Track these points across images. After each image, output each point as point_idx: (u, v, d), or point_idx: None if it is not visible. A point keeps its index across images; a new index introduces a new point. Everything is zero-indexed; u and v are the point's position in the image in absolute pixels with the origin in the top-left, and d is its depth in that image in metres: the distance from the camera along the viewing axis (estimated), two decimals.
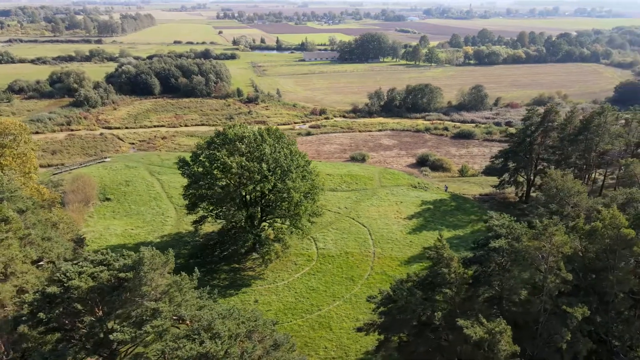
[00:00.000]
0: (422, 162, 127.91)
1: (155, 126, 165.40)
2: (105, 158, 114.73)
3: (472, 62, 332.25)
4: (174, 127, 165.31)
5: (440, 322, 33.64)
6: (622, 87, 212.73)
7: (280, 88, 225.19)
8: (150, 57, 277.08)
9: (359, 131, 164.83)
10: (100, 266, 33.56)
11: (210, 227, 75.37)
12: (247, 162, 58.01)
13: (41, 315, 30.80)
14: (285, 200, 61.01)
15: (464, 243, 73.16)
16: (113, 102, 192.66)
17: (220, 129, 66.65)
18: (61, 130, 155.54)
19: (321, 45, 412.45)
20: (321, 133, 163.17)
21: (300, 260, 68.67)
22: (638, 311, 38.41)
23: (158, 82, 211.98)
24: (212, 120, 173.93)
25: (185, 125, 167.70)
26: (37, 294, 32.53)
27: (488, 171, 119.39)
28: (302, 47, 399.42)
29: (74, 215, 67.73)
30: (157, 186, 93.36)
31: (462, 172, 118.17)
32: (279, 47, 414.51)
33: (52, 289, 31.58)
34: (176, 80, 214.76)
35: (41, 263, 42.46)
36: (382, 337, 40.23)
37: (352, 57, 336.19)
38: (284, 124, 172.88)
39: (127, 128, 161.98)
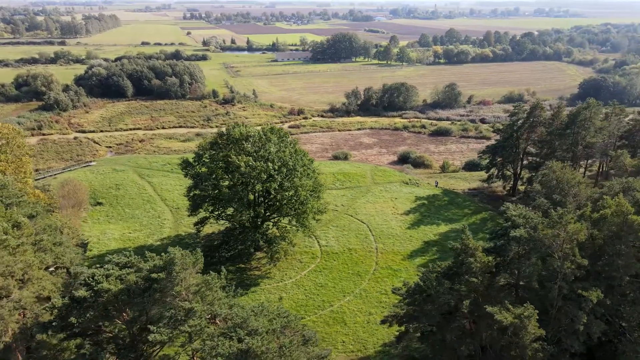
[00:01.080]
0: (403, 160, 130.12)
1: (131, 129, 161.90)
2: (90, 162, 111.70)
3: (441, 61, 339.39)
4: (150, 129, 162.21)
5: (466, 309, 34.88)
6: (585, 83, 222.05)
7: (255, 89, 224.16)
8: (118, 59, 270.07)
9: (339, 130, 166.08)
10: (126, 269, 33.10)
11: (210, 228, 74.70)
12: (254, 162, 57.98)
13: (73, 319, 30.20)
14: (291, 198, 61.29)
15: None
16: (84, 105, 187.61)
17: (199, 130, 66.20)
18: (32, 135, 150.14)
19: (292, 45, 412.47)
20: (301, 133, 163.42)
21: (305, 258, 69.23)
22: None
23: (130, 84, 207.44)
24: (190, 122, 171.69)
25: (163, 128, 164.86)
26: (65, 299, 31.85)
27: (468, 167, 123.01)
28: (273, 47, 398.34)
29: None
30: (149, 189, 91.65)
31: (444, 168, 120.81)
32: (250, 48, 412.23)
33: (82, 293, 31.00)
34: (149, 82, 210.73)
35: (51, 269, 41.37)
36: (402, 328, 41.17)
37: (324, 57, 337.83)
38: (263, 124, 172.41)
39: (102, 131, 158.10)
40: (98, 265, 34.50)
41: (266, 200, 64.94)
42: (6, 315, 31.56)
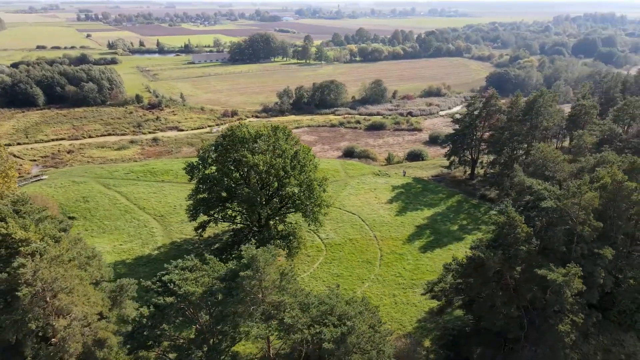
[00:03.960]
0: (349, 154, 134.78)
1: (53, 140, 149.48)
2: (42, 175, 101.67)
3: (357, 59, 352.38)
4: (76, 139, 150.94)
5: (517, 275, 39.00)
6: (491, 77, 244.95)
7: (181, 92, 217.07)
8: (14, 65, 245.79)
9: None
10: (195, 272, 32.46)
11: (206, 232, 72.33)
12: (270, 160, 57.75)
13: (165, 326, 29.19)
14: (304, 193, 61.82)
15: (446, 218, 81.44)
16: None
17: (132, 137, 64.30)
18: None
19: (207, 47, 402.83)
20: None
21: (311, 252, 70.20)
22: (632, 248, 48.36)
23: (41, 92, 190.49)
24: (119, 129, 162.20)
25: (90, 137, 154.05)
26: (151, 307, 30.53)
27: (411, 157, 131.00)
28: (186, 49, 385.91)
29: None
30: (122, 199, 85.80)
31: (389, 160, 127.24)
32: (161, 50, 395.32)
33: (168, 299, 29.98)
34: (62, 88, 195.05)
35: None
36: (441, 302, 44.54)
37: (243, 57, 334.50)
38: (198, 128, 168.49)
39: (19, 144, 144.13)
40: (163, 272, 33.22)
41: (276, 197, 64.69)
42: (78, 334, 29.36)
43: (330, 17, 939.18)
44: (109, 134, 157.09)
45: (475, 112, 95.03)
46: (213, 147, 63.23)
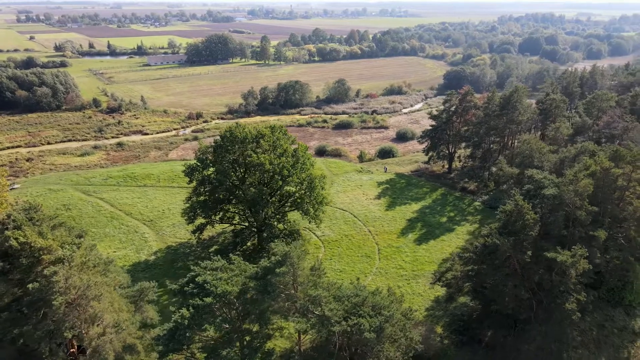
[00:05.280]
0: (321, 153, 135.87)
1: (9, 147, 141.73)
2: (14, 185, 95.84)
3: (316, 59, 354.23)
4: (34, 146, 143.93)
5: (528, 259, 41.10)
6: (448, 74, 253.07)
7: (138, 95, 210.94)
8: None
9: None
10: (224, 272, 32.17)
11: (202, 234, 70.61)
12: (275, 159, 57.30)
13: (207, 326, 28.78)
14: (306, 191, 61.75)
15: (434, 211, 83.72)
16: None
17: (95, 142, 62.75)
18: None
19: (161, 48, 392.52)
20: (208, 137, 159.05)
21: (309, 249, 69.40)
22: (616, 230, 52.05)
23: None
24: (79, 134, 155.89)
25: (48, 143, 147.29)
26: (190, 308, 29.92)
27: (381, 154, 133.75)
28: (140, 51, 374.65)
29: None
30: (105, 205, 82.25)
31: (361, 158, 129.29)
32: (113, 52, 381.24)
33: (207, 299, 29.55)
34: (12, 94, 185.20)
35: None
36: (451, 289, 46.14)
37: (200, 59, 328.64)
38: (164, 131, 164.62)
39: None
40: (194, 274, 32.56)
41: (276, 196, 64.63)
42: (115, 340, 28.34)
43: (283, 18, 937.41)
44: (69, 140, 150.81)
45: (452, 109, 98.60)
46: (211, 149, 62.36)
